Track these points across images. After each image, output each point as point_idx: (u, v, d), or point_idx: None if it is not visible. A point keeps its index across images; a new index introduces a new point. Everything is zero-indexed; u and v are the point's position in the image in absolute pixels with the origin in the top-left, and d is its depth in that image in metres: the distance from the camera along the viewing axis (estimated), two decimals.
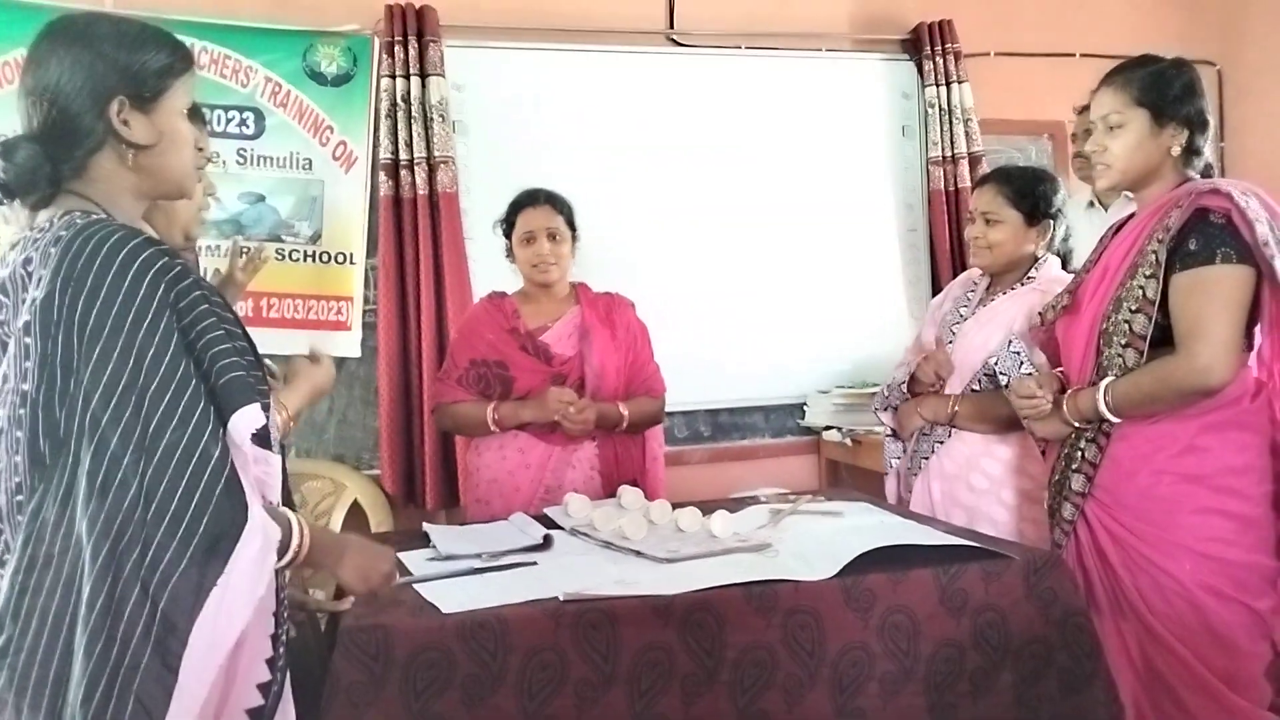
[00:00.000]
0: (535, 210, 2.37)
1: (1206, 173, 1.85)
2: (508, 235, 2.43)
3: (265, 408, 1.19)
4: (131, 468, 1.06)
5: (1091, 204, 2.84)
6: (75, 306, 1.08)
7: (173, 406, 1.08)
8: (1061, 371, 2.00)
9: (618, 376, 2.38)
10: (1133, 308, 1.77)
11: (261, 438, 1.18)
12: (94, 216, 1.17)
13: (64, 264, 1.10)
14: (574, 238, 2.42)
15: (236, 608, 1.08)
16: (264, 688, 1.19)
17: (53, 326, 1.08)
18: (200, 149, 1.34)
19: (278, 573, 1.22)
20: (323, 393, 1.42)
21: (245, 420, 1.15)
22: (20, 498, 1.10)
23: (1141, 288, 1.76)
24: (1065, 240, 2.28)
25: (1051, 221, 2.21)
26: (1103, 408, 1.78)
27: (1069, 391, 1.87)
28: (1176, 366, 1.71)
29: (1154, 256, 1.74)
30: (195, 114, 1.30)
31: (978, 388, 2.18)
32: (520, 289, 2.47)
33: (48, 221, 1.18)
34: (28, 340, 1.10)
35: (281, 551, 1.16)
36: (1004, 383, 2.09)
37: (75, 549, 1.06)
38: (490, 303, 2.44)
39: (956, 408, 2.18)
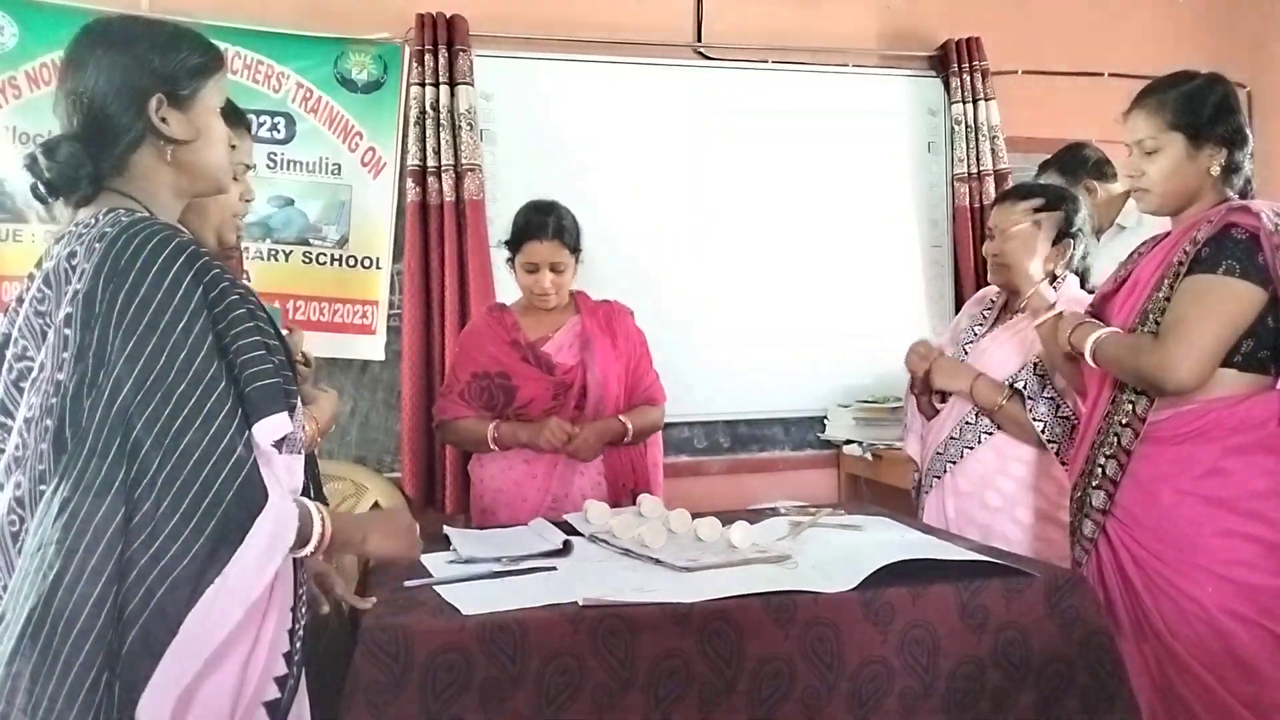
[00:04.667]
0: (542, 245, 2.31)
1: (1245, 190, 1.83)
2: (511, 249, 2.39)
3: (292, 409, 1.22)
4: (151, 461, 1.08)
5: (1122, 228, 2.83)
6: (115, 301, 1.11)
7: (199, 405, 1.11)
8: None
9: (619, 385, 2.38)
10: (1158, 320, 1.76)
11: (287, 442, 1.21)
12: (138, 214, 1.20)
13: (107, 260, 1.12)
14: (578, 259, 2.38)
15: (230, 606, 1.10)
16: (280, 681, 1.21)
17: (92, 320, 1.11)
18: (234, 146, 1.37)
19: (296, 568, 1.24)
20: (336, 418, 1.47)
21: (269, 428, 1.17)
22: (43, 487, 1.12)
23: (1167, 299, 1.75)
24: (1084, 258, 2.27)
25: (1070, 240, 2.20)
26: (1088, 345, 1.81)
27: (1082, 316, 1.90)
28: (1148, 353, 1.72)
29: (1180, 268, 1.74)
30: (239, 119, 1.34)
31: None
32: (520, 301, 2.46)
33: (92, 217, 1.20)
34: (67, 331, 1.12)
35: (304, 542, 1.19)
36: (1029, 407, 2.09)
37: (75, 540, 1.07)
38: (490, 315, 2.44)
39: (1004, 402, 2.13)
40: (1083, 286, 2.24)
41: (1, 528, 1.15)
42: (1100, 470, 1.85)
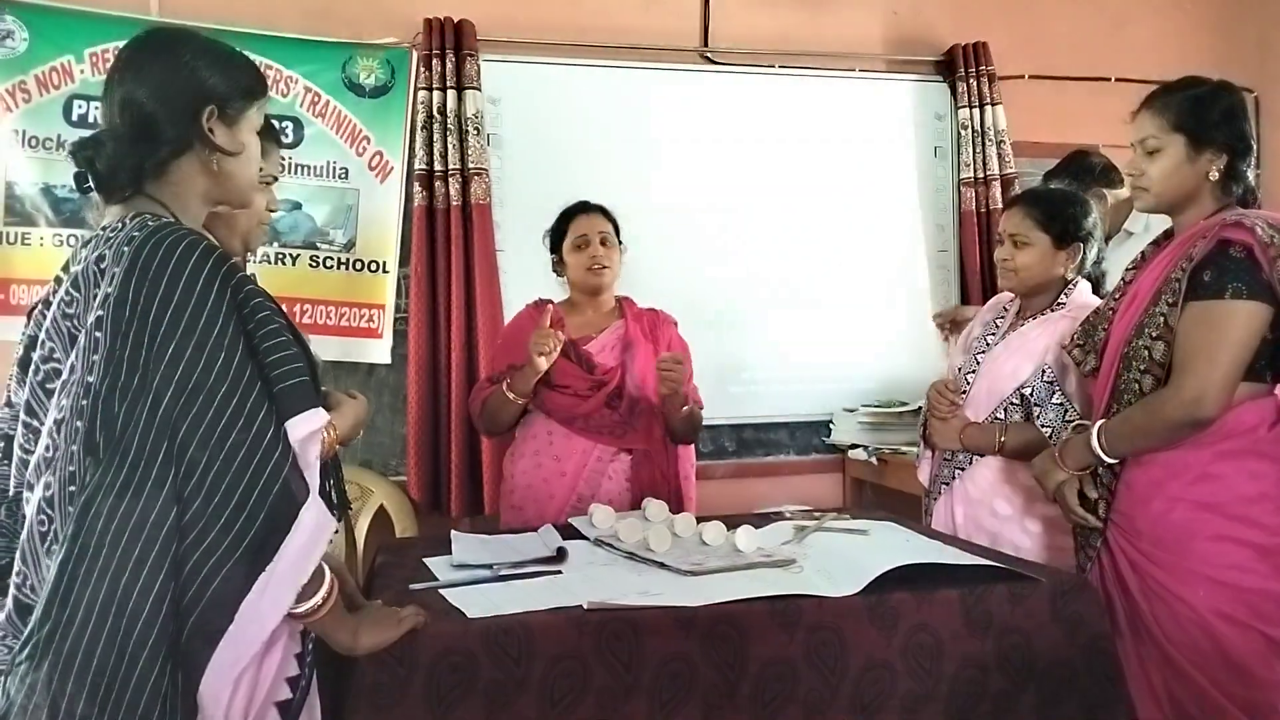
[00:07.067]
0: (588, 217, 2.44)
1: (1245, 199, 1.83)
2: (556, 246, 2.46)
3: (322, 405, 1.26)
4: (198, 461, 1.12)
5: (1130, 234, 2.82)
6: (150, 307, 1.14)
7: (240, 406, 1.14)
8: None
9: (657, 391, 2.39)
10: (1154, 334, 1.76)
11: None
12: (164, 220, 1.24)
13: (137, 264, 1.15)
14: (621, 249, 2.47)
15: (280, 593, 1.16)
16: (293, 682, 1.24)
17: (124, 324, 1.14)
18: (261, 167, 1.43)
19: None
20: (361, 425, 1.48)
21: (300, 425, 1.21)
22: (73, 488, 1.14)
23: (1164, 315, 1.75)
24: (1098, 263, 2.26)
25: (1081, 244, 2.19)
26: (1097, 449, 1.79)
27: (1060, 442, 1.88)
28: (1166, 398, 1.71)
29: (1177, 285, 1.74)
30: (272, 134, 1.40)
31: (1001, 415, 2.16)
32: (566, 299, 2.49)
33: (119, 221, 1.23)
34: (98, 334, 1.15)
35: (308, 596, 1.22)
36: (1036, 414, 2.09)
37: (130, 540, 1.10)
38: (536, 309, 2.46)
39: (1004, 438, 2.12)
40: (1096, 292, 2.23)
41: (31, 528, 1.18)
42: (1097, 478, 1.85)
